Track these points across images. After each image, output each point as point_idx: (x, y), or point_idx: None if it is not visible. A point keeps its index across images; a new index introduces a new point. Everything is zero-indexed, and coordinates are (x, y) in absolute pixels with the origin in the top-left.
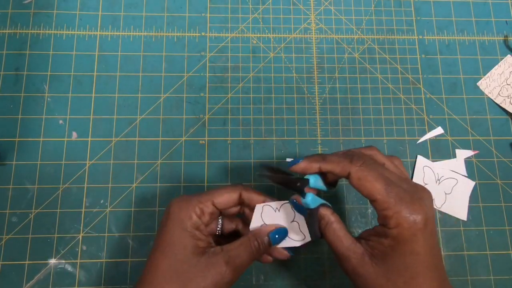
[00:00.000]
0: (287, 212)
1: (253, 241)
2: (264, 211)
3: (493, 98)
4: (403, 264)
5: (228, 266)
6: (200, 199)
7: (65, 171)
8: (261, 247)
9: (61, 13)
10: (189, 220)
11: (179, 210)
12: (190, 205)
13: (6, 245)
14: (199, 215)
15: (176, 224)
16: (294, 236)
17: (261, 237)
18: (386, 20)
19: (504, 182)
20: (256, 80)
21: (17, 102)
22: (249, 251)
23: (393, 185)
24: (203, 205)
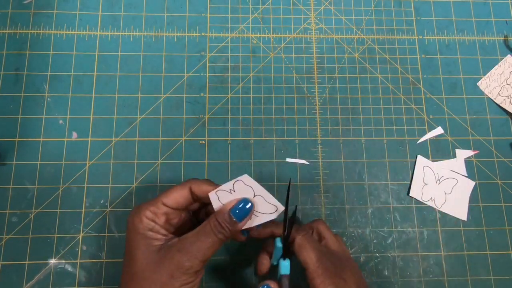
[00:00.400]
0: (244, 188)
1: (213, 222)
2: (220, 197)
3: (493, 98)
4: None
5: (182, 254)
6: (150, 202)
7: (65, 171)
8: (224, 226)
9: (61, 13)
10: (140, 224)
11: (132, 218)
12: (140, 210)
13: (6, 245)
14: (151, 217)
15: (130, 231)
16: (264, 209)
17: (222, 215)
18: (386, 20)
19: (504, 182)
20: (256, 80)
21: (17, 102)
22: (208, 234)
23: (324, 258)
24: (154, 207)
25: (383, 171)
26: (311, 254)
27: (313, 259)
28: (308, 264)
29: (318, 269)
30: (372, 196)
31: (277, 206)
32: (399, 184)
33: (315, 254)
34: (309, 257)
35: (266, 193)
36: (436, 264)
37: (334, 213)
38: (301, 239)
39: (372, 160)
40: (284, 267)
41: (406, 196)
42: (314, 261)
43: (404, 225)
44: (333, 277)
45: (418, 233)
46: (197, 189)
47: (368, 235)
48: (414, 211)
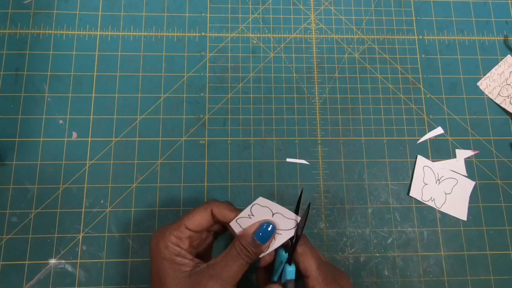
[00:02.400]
0: (261, 210)
1: (239, 246)
2: (241, 224)
3: (493, 98)
4: None
5: (214, 280)
6: (173, 227)
7: (65, 171)
8: (249, 250)
9: (61, 13)
10: (166, 250)
11: (156, 242)
12: (165, 235)
13: (6, 245)
14: (176, 242)
15: (156, 257)
16: (284, 225)
17: (246, 239)
18: (386, 20)
19: (504, 182)
20: (256, 80)
21: (17, 102)
22: (236, 258)
23: (323, 265)
24: (178, 231)
25: (383, 171)
26: (312, 262)
27: (314, 266)
28: (309, 271)
29: (318, 276)
30: (372, 196)
31: (296, 220)
32: (399, 184)
33: (315, 262)
34: (310, 265)
35: (283, 209)
36: (436, 264)
37: (334, 213)
38: (303, 247)
39: (372, 160)
40: (290, 272)
41: (406, 196)
42: (315, 269)
43: (404, 225)
44: (332, 283)
45: (418, 233)
46: (218, 213)
47: (368, 235)
48: (414, 211)
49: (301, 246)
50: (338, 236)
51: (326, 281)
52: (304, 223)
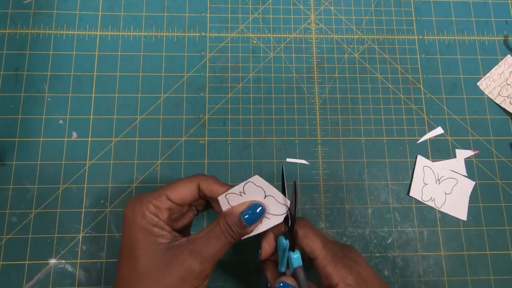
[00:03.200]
0: (254, 190)
1: (223, 224)
2: (230, 200)
3: (493, 98)
4: None
5: (193, 257)
6: (152, 195)
7: (65, 171)
8: (234, 230)
9: (61, 13)
10: (142, 219)
11: (132, 211)
12: (142, 203)
13: (6, 245)
14: (154, 211)
15: (131, 226)
16: (274, 210)
17: (232, 218)
18: (386, 20)
19: (504, 182)
20: (256, 80)
21: (17, 102)
22: (219, 237)
23: (329, 243)
24: (157, 201)
25: (383, 171)
26: (316, 242)
27: (319, 246)
28: (316, 252)
29: (327, 255)
30: (372, 196)
31: (286, 205)
32: (399, 184)
33: (320, 241)
34: (315, 245)
35: (277, 193)
36: (436, 264)
37: (334, 213)
38: (304, 229)
39: (372, 160)
40: (295, 259)
41: (406, 196)
42: (321, 248)
43: (404, 225)
44: (343, 259)
45: (418, 233)
46: (206, 188)
47: (368, 235)
48: (414, 211)
49: (301, 228)
50: (338, 236)
51: (336, 258)
52: (295, 204)
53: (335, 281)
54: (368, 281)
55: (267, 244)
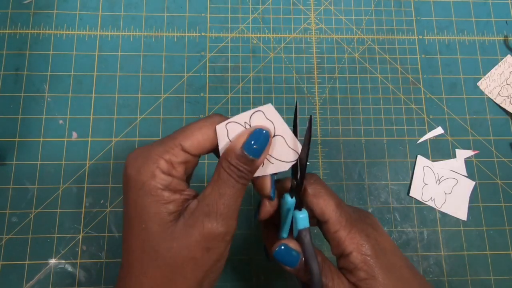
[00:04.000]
0: (262, 123)
1: (227, 166)
2: (230, 131)
3: (493, 98)
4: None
5: (212, 219)
6: (163, 147)
7: (65, 171)
8: (241, 168)
9: (61, 13)
10: (152, 180)
11: (137, 171)
12: (150, 159)
13: (6, 245)
14: (167, 169)
15: (136, 191)
16: (281, 155)
17: (234, 155)
18: (386, 20)
19: (504, 182)
20: (256, 80)
21: (17, 102)
22: (228, 182)
23: (343, 204)
24: (170, 154)
25: (383, 171)
26: (329, 202)
27: (332, 206)
28: (327, 214)
29: (340, 218)
30: (372, 196)
31: (297, 151)
32: (399, 184)
33: (333, 201)
34: (327, 206)
35: (289, 133)
36: (436, 264)
37: None
38: (314, 186)
39: (372, 160)
40: (301, 219)
41: (406, 196)
42: (334, 209)
43: (404, 225)
44: (360, 223)
45: (418, 233)
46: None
47: None
48: (414, 211)
49: (311, 185)
50: None
51: (350, 222)
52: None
53: (348, 249)
54: (388, 253)
55: (269, 203)
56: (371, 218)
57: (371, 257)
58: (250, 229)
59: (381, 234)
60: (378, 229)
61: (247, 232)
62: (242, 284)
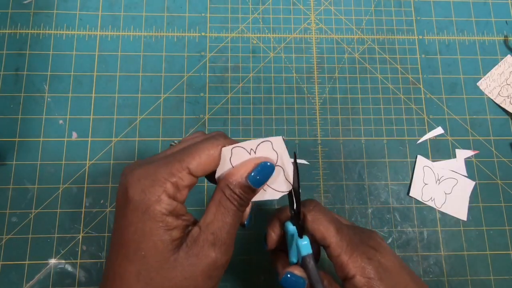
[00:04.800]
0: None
1: (231, 195)
2: (234, 155)
3: (493, 98)
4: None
5: (216, 248)
6: (170, 169)
7: (65, 171)
8: (242, 196)
9: (61, 13)
10: (158, 205)
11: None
12: (157, 183)
13: (6, 245)
14: (173, 193)
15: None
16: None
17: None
18: (386, 20)
19: (504, 182)
20: (256, 80)
21: (17, 102)
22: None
23: (343, 228)
24: (177, 177)
25: (383, 171)
26: (328, 227)
27: (332, 232)
28: (328, 239)
29: (341, 242)
30: (372, 196)
31: (291, 183)
32: (399, 184)
33: (333, 226)
34: (327, 231)
35: (289, 166)
36: (436, 264)
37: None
38: (313, 213)
39: (372, 160)
40: (303, 247)
41: (406, 196)
42: (334, 234)
43: (404, 225)
44: (361, 246)
45: (418, 233)
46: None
47: None
48: (414, 211)
49: (310, 212)
50: None
51: (352, 246)
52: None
53: (351, 272)
54: (392, 272)
55: (273, 231)
56: (374, 239)
57: (374, 279)
58: (250, 229)
59: (384, 254)
60: (381, 249)
61: (247, 232)
62: (242, 284)
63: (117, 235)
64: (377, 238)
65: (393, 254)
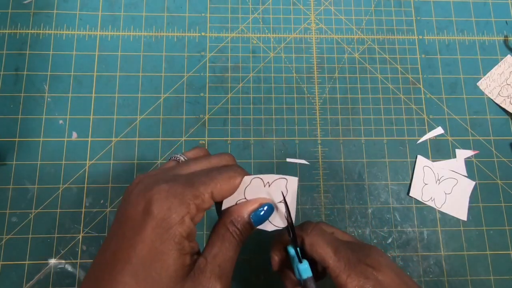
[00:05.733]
0: (279, 188)
1: (234, 231)
2: (251, 185)
3: (493, 98)
4: None
5: (223, 280)
6: (195, 192)
7: (65, 171)
8: (244, 234)
9: (61, 13)
10: (180, 226)
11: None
12: (183, 203)
13: (6, 245)
14: (193, 216)
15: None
16: (276, 220)
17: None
18: (386, 20)
19: (504, 182)
20: (256, 80)
21: (17, 102)
22: (232, 245)
23: (342, 248)
24: (200, 200)
25: (383, 171)
26: (326, 249)
27: (330, 253)
28: (327, 260)
29: (339, 263)
30: (372, 196)
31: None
32: (399, 184)
33: (331, 247)
34: (326, 253)
35: (293, 207)
36: (436, 264)
37: (334, 213)
38: (311, 237)
39: (372, 160)
40: (303, 270)
41: (406, 196)
42: (332, 255)
43: (404, 225)
44: (358, 266)
45: (418, 233)
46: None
47: (368, 235)
48: (414, 211)
49: (308, 235)
50: None
51: (349, 266)
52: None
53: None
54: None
55: (276, 255)
56: (372, 257)
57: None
58: None
59: (383, 272)
60: (379, 267)
61: None
62: (242, 284)
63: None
64: (376, 255)
65: (393, 270)
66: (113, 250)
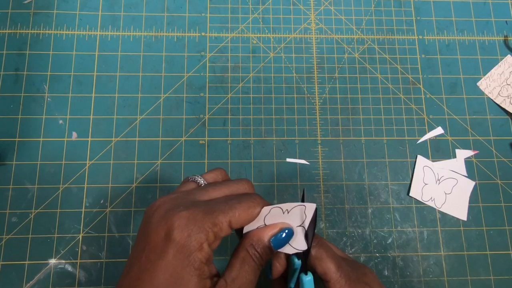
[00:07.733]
0: (298, 216)
1: (254, 254)
2: (271, 213)
3: (493, 98)
4: None
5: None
6: (214, 219)
7: (65, 171)
8: (264, 258)
9: (61, 13)
10: (199, 253)
11: (188, 238)
12: (203, 230)
13: (6, 245)
14: (211, 242)
15: (180, 258)
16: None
17: (262, 243)
18: (386, 20)
19: (504, 182)
20: (256, 80)
21: (17, 102)
22: (253, 268)
23: (343, 265)
24: (218, 228)
25: (383, 171)
26: (330, 264)
27: (333, 269)
28: (329, 275)
29: (340, 278)
30: (372, 196)
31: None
32: (399, 184)
33: (334, 263)
34: (329, 268)
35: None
36: (436, 264)
37: (334, 213)
38: (317, 250)
39: (372, 160)
40: (307, 282)
41: (406, 196)
42: (335, 271)
43: (404, 225)
44: (358, 284)
45: (418, 233)
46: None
47: (368, 235)
48: (414, 211)
49: (314, 248)
50: (338, 236)
51: (349, 282)
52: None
53: None
54: None
55: (279, 263)
56: (368, 276)
57: None
58: None
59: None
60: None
61: None
62: None
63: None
64: (371, 275)
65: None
66: (137, 274)
